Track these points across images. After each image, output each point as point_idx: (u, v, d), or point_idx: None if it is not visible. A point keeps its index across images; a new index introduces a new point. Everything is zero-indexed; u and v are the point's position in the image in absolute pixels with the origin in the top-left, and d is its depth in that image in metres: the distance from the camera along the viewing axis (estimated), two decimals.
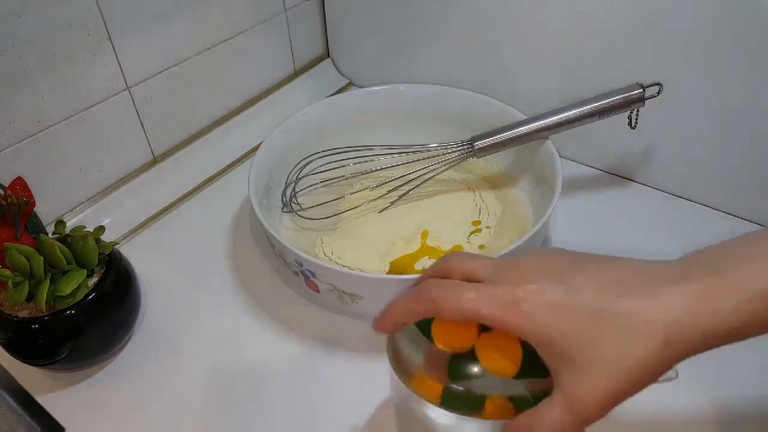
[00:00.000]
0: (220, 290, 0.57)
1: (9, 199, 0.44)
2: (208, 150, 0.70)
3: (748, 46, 0.52)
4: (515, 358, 0.32)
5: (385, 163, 0.64)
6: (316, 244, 0.58)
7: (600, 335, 0.28)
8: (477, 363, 0.32)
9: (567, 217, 0.61)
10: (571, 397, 0.29)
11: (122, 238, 0.61)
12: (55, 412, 0.47)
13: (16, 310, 0.45)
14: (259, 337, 0.52)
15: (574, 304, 0.29)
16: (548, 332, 0.29)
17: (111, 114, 0.60)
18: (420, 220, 0.60)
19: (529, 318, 0.29)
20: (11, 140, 0.53)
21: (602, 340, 0.28)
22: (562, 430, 0.29)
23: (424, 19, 0.69)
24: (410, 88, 0.67)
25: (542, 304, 0.29)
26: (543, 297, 0.29)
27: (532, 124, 0.57)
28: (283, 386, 0.48)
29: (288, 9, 0.75)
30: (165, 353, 0.51)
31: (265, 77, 0.76)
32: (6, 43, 0.50)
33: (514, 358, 0.32)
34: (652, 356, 0.28)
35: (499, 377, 0.32)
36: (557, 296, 0.29)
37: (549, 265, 0.31)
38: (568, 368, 0.29)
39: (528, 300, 0.29)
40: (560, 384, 0.29)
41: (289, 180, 0.61)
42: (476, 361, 0.32)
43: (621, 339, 0.28)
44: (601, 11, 0.57)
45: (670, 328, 0.28)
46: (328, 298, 0.50)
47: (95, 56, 0.56)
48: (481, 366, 0.32)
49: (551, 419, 0.29)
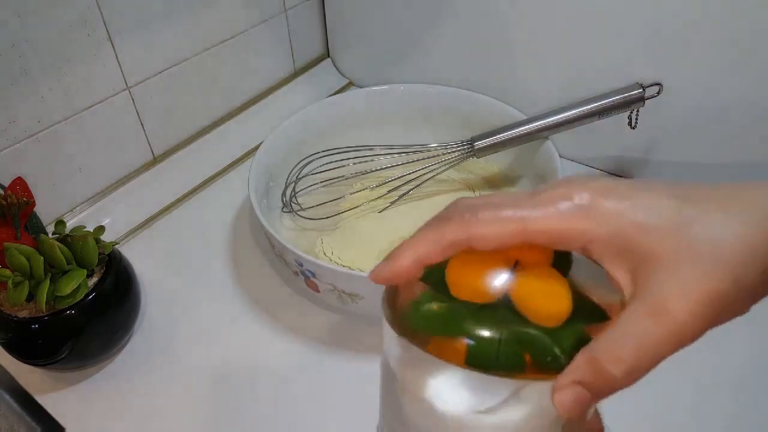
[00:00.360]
0: (220, 290, 0.57)
1: (9, 199, 0.44)
2: (208, 150, 0.70)
3: (748, 47, 0.52)
4: (562, 301, 0.25)
5: (385, 163, 0.64)
6: (316, 244, 0.58)
7: (689, 222, 0.22)
8: (513, 311, 0.25)
9: None
10: (658, 305, 0.21)
11: (122, 238, 0.61)
12: (55, 412, 0.47)
13: (16, 310, 0.45)
14: (258, 337, 0.52)
15: (649, 193, 0.23)
16: (622, 230, 0.22)
17: (111, 114, 0.60)
18: (420, 221, 0.59)
19: (595, 216, 0.23)
20: (11, 140, 0.53)
21: (692, 228, 0.22)
22: (657, 349, 0.21)
23: (425, 19, 0.69)
24: (410, 88, 0.67)
25: (609, 197, 0.23)
26: (608, 190, 0.23)
27: (532, 124, 0.57)
28: (283, 386, 0.48)
29: (288, 9, 0.75)
30: (165, 353, 0.51)
31: (265, 77, 0.76)
32: (6, 43, 0.50)
33: (562, 300, 0.25)
34: (761, 240, 0.21)
35: (544, 326, 0.24)
36: (625, 188, 0.23)
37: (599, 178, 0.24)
38: (652, 270, 0.22)
39: (590, 194, 0.23)
40: (641, 293, 0.22)
41: (289, 180, 0.62)
42: (512, 309, 0.25)
43: (717, 223, 0.21)
44: (602, 11, 0.57)
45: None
46: (328, 298, 0.50)
47: (95, 56, 0.56)
48: (520, 314, 0.25)
49: (639, 336, 0.21)
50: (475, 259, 0.26)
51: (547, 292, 0.25)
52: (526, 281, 0.25)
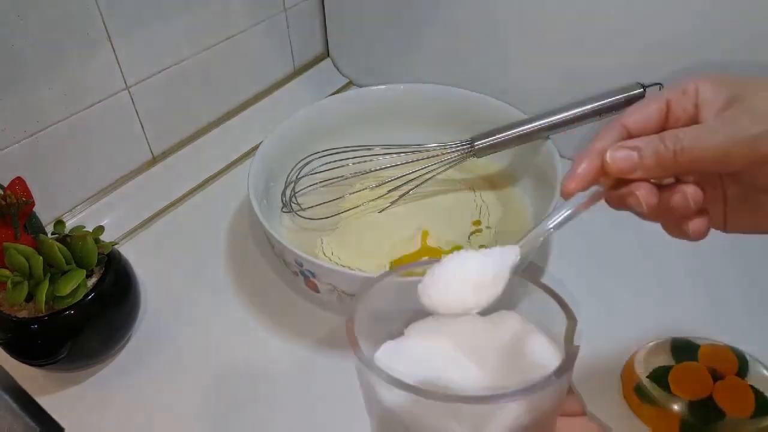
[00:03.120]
0: (219, 290, 0.56)
1: (8, 199, 0.44)
2: (208, 150, 0.70)
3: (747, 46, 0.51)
4: (749, 401, 0.41)
5: (385, 163, 0.64)
6: (316, 244, 0.58)
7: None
8: (716, 407, 0.41)
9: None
10: (728, 118, 0.28)
11: (122, 238, 0.61)
12: (54, 412, 0.47)
13: (16, 311, 0.45)
14: (258, 337, 0.52)
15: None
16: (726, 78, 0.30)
17: (110, 114, 0.60)
18: (420, 220, 0.59)
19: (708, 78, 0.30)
20: (11, 140, 0.53)
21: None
22: (702, 152, 0.28)
23: (424, 19, 0.69)
24: (410, 88, 0.67)
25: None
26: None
27: (532, 124, 0.57)
28: (282, 386, 0.48)
29: (288, 9, 0.75)
30: (164, 353, 0.51)
31: (265, 77, 0.76)
32: (6, 43, 0.50)
33: (749, 400, 0.41)
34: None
35: (737, 417, 0.40)
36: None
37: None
38: (738, 102, 0.28)
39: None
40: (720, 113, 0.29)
41: (289, 180, 0.61)
42: (715, 406, 0.41)
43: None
44: (602, 11, 0.57)
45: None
46: (328, 298, 0.50)
47: (95, 56, 0.56)
48: (721, 409, 0.41)
49: (698, 136, 0.29)
50: (689, 367, 0.43)
51: (738, 397, 0.41)
52: (723, 389, 0.42)
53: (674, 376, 0.43)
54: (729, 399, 0.41)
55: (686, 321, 0.51)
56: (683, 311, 0.52)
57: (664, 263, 0.55)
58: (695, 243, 0.37)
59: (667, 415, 0.42)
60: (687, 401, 0.42)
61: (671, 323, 0.50)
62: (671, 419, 0.42)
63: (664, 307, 0.52)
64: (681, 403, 0.42)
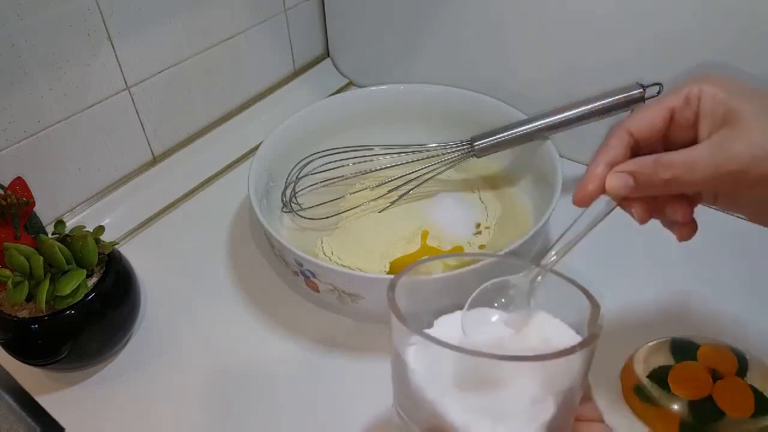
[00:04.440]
0: (219, 290, 0.56)
1: (9, 199, 0.44)
2: (208, 150, 0.70)
3: (747, 47, 0.51)
4: (749, 401, 0.41)
5: (385, 163, 0.64)
6: (316, 244, 0.58)
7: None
8: (716, 407, 0.41)
9: (567, 217, 0.61)
10: (720, 141, 0.31)
11: (122, 238, 0.61)
12: (54, 412, 0.47)
13: (16, 310, 0.45)
14: (258, 337, 0.52)
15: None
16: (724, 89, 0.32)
17: (111, 114, 0.60)
18: (420, 220, 0.59)
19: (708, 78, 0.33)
20: (11, 140, 0.53)
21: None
22: (693, 174, 0.31)
23: (424, 19, 0.69)
24: (410, 88, 0.67)
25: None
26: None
27: (532, 124, 0.57)
28: (282, 386, 0.48)
29: (288, 9, 0.75)
30: (165, 353, 0.51)
31: (264, 77, 0.76)
32: (6, 43, 0.50)
33: (748, 400, 0.41)
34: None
35: (737, 417, 0.41)
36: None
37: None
38: (732, 124, 0.31)
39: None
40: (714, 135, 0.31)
41: (289, 180, 0.61)
42: (715, 406, 0.41)
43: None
44: (602, 11, 0.57)
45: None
46: (328, 298, 0.50)
47: (95, 56, 0.56)
48: (720, 409, 0.41)
49: (690, 158, 0.31)
50: (689, 367, 0.43)
51: (738, 396, 0.41)
52: (723, 389, 0.41)
53: (674, 375, 0.43)
54: (729, 399, 0.41)
55: (686, 321, 0.51)
56: (683, 311, 0.52)
57: (664, 263, 0.55)
58: (695, 243, 0.37)
59: (667, 415, 0.42)
60: (687, 401, 0.42)
61: (671, 323, 0.50)
62: (671, 419, 0.42)
63: (664, 306, 0.52)
64: (681, 402, 0.42)
